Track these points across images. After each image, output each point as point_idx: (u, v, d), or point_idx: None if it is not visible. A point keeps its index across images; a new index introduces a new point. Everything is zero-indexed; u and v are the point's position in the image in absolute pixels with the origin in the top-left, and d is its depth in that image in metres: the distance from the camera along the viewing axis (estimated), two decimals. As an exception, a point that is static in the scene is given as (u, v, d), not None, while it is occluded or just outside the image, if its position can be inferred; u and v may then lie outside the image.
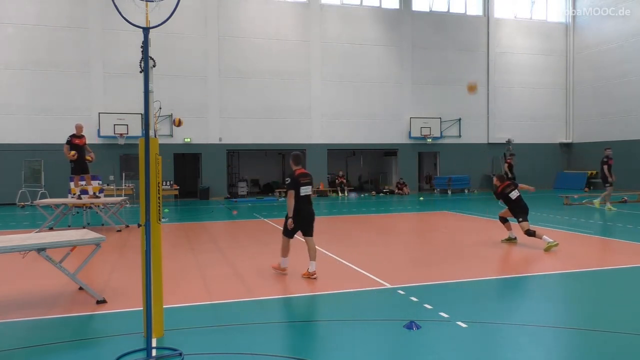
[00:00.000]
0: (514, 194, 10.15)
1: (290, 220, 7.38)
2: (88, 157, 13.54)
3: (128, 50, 21.72)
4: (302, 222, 7.49)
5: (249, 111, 24.24)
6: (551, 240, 9.47)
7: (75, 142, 13.18)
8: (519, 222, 9.97)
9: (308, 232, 7.62)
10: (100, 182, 17.34)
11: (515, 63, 28.24)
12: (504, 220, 10.56)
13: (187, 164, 25.41)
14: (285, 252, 7.67)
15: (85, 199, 13.44)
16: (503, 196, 10.24)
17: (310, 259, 7.49)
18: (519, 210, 10.08)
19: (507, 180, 10.50)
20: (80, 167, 13.44)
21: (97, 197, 14.41)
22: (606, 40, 26.65)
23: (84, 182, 13.98)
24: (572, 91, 28.83)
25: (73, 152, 13.10)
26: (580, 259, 9.10)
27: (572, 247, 10.26)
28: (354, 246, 10.41)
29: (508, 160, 21.49)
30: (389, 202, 21.91)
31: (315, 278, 7.38)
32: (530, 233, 9.73)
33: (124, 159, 22.30)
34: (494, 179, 10.71)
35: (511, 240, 10.36)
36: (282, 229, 7.69)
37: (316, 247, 7.66)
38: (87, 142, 13.84)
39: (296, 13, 24.98)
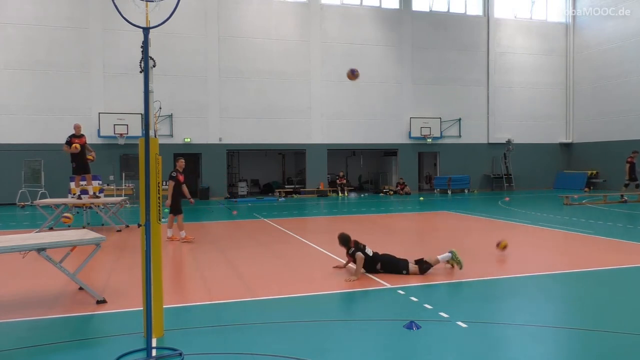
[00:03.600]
0: (368, 250, 7.78)
1: (168, 202, 11.06)
2: (89, 157, 13.53)
3: (128, 50, 21.73)
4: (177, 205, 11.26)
5: (249, 111, 24.25)
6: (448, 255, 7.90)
7: (75, 142, 13.15)
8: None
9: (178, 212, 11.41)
10: (100, 182, 17.35)
11: (515, 63, 28.24)
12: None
13: (187, 164, 25.36)
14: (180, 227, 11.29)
15: (85, 199, 13.44)
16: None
17: (180, 229, 11.12)
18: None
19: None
20: (81, 167, 13.42)
21: (97, 197, 14.40)
22: (606, 40, 26.65)
23: (84, 182, 13.97)
24: (572, 91, 28.83)
25: (75, 145, 12.98)
26: (580, 259, 9.10)
27: (572, 247, 10.26)
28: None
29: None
30: (389, 202, 21.90)
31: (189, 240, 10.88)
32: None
33: (124, 159, 22.30)
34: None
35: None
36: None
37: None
38: (87, 142, 13.83)
39: (296, 13, 24.98)
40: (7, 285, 7.33)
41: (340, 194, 25.49)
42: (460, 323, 5.34)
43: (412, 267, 7.62)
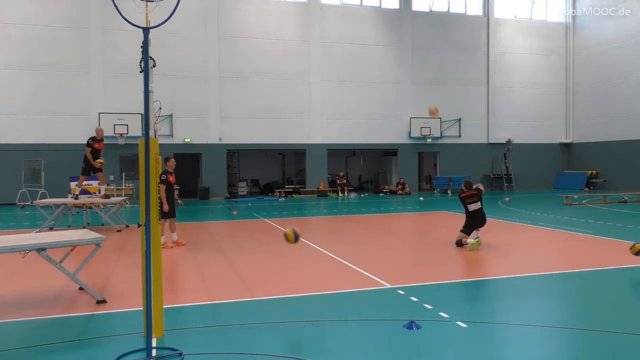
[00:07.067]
0: (473, 207, 10.12)
1: (165, 207, 10.24)
2: (98, 162, 13.40)
3: (128, 50, 21.73)
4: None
5: (249, 111, 24.24)
6: (472, 240, 9.70)
7: (96, 146, 13.12)
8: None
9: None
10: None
11: (515, 63, 28.24)
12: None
13: (187, 164, 25.41)
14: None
15: (84, 199, 13.44)
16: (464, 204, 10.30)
17: (172, 231, 10.59)
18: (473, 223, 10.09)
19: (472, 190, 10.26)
20: (91, 169, 13.32)
21: (108, 197, 14.30)
22: (606, 40, 26.64)
23: (93, 182, 13.92)
24: (572, 91, 28.83)
25: (100, 160, 13.06)
26: (580, 259, 9.10)
27: (572, 247, 10.26)
28: (354, 246, 10.40)
29: None
30: (389, 202, 21.90)
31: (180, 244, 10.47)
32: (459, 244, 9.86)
33: (124, 159, 22.29)
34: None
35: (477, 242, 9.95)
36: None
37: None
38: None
39: (296, 13, 24.97)
40: (7, 285, 7.33)
41: (340, 194, 25.49)
42: (460, 323, 5.34)
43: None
